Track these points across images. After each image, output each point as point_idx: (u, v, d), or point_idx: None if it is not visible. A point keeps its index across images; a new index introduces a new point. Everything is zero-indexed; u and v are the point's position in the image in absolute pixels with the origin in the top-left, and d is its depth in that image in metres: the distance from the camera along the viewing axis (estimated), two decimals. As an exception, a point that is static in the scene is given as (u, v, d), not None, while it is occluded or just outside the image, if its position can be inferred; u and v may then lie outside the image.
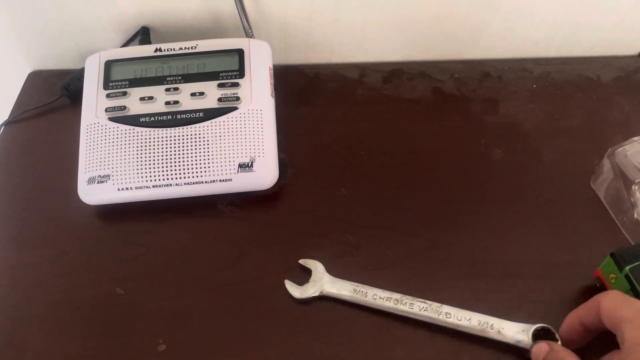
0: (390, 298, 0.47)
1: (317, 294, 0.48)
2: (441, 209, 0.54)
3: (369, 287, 0.48)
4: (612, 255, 0.45)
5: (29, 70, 0.68)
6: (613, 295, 0.37)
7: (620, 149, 0.52)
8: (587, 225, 0.53)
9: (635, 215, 0.50)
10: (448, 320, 0.45)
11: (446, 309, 0.45)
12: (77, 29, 0.63)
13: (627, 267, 0.43)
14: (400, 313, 0.46)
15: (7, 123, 0.62)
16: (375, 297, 0.47)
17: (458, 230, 0.53)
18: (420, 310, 0.46)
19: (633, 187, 0.50)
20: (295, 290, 0.48)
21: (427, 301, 0.46)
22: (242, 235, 0.53)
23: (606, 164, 0.53)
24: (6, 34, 0.63)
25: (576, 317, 0.41)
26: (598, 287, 0.48)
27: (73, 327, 0.47)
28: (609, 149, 0.53)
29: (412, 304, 0.46)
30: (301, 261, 0.50)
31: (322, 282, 0.48)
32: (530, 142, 0.59)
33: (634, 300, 0.36)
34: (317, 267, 0.49)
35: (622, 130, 0.59)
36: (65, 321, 0.48)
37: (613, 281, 0.45)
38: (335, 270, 0.50)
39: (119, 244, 0.52)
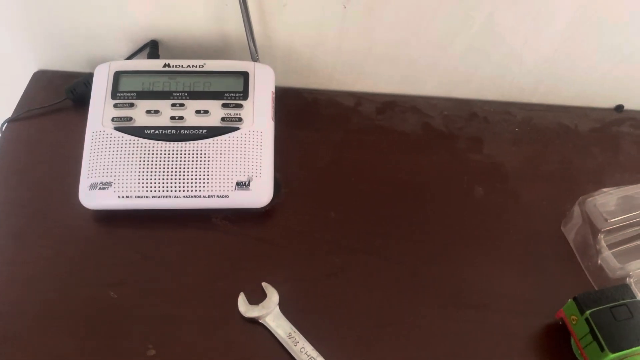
0: (314, 359, 0.47)
1: (258, 319, 0.50)
2: (424, 239, 0.58)
3: (304, 339, 0.48)
4: (574, 299, 0.48)
5: (34, 69, 0.69)
6: None
7: (591, 198, 0.56)
8: (555, 266, 0.57)
9: (599, 262, 0.54)
10: None
11: None
12: (87, 34, 0.65)
13: (588, 312, 0.47)
14: None
15: (10, 120, 0.63)
16: (302, 350, 0.48)
17: (438, 260, 0.56)
18: None
19: (599, 235, 0.54)
20: (243, 306, 0.51)
21: None
22: (233, 249, 0.55)
23: (576, 210, 0.57)
24: (17, 29, 0.65)
25: None
26: (560, 326, 0.52)
27: (65, 326, 0.49)
28: (580, 197, 0.57)
29: None
30: (264, 284, 0.52)
31: (267, 312, 0.50)
32: (509, 183, 0.63)
33: None
34: (271, 297, 0.51)
35: (594, 179, 0.64)
36: (58, 320, 0.50)
37: (574, 322, 0.49)
38: (321, 291, 0.53)
39: (115, 248, 0.54)
